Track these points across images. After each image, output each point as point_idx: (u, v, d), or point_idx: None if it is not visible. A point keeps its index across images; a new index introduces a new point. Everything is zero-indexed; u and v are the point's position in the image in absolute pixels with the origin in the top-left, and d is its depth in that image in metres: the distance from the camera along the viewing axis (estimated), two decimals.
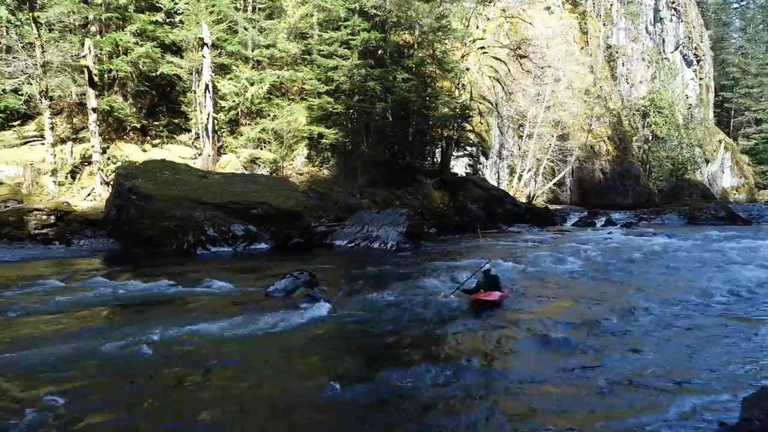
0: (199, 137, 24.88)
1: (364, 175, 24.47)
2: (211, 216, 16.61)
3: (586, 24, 54.62)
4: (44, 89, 21.12)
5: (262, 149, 25.95)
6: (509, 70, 37.95)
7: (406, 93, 26.36)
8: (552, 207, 38.12)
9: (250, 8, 27.72)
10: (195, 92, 25.25)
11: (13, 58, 21.76)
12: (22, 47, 22.28)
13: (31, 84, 21.82)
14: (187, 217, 16.33)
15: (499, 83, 36.95)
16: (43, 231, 17.15)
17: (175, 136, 26.21)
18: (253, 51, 26.37)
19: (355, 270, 13.05)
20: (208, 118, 23.33)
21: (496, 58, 35.63)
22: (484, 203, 29.24)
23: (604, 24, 56.48)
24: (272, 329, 7.46)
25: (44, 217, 17.63)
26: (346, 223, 20.01)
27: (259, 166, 24.50)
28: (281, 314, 8.13)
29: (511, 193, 35.17)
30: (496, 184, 37.68)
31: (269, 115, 26.54)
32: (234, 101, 25.78)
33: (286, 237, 17.62)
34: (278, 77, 26.81)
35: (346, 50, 25.22)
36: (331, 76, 25.19)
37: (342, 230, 19.57)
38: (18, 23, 24.00)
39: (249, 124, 26.39)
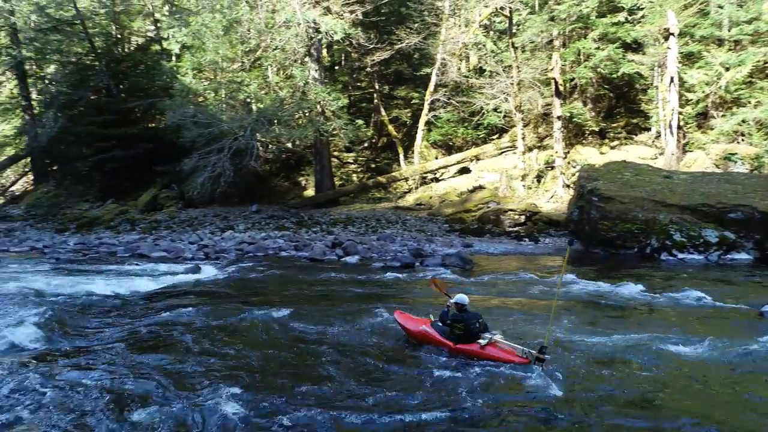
0: (659, 135, 23.28)
1: None
2: (677, 219, 15.23)
3: None
4: (518, 104, 24.12)
5: (738, 143, 22.09)
6: None
7: None
8: None
9: None
10: (657, 88, 23.74)
11: (496, 80, 25.67)
12: (503, 70, 26.05)
13: (507, 101, 25.26)
14: (649, 219, 15.49)
15: None
16: (515, 229, 19.56)
17: (633, 136, 25.35)
18: (729, 30, 22.75)
19: None
20: (671, 114, 21.50)
21: None
22: None
23: None
24: None
25: (516, 216, 20.17)
26: None
27: (735, 162, 20.91)
28: None
29: None
30: None
31: (749, 103, 22.31)
32: (703, 92, 22.86)
33: None
34: (764, 55, 22.22)
35: None
36: None
37: None
38: (498, 51, 28.34)
39: (722, 115, 22.90)
